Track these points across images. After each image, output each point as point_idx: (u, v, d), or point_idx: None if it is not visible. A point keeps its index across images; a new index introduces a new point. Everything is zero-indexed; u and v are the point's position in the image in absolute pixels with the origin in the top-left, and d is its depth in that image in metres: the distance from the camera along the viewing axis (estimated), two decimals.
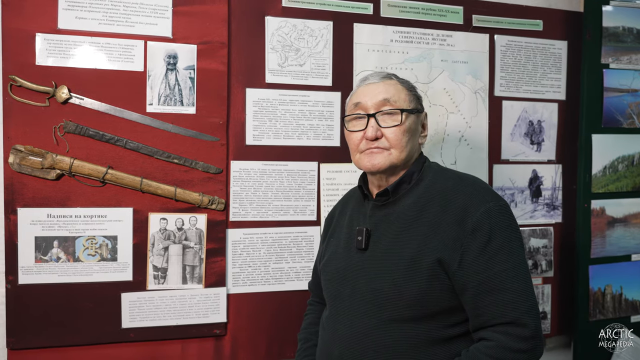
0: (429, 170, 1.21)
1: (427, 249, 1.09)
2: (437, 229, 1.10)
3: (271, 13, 1.72)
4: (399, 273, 1.10)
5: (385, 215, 1.19)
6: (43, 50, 1.51)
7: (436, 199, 1.14)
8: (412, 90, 1.25)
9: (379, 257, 1.15)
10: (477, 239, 1.06)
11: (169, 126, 1.62)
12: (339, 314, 1.20)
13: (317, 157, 1.78)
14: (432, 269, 1.07)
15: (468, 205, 1.09)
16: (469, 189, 1.13)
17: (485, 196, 1.11)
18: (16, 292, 1.52)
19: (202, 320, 1.67)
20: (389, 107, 1.18)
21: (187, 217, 1.65)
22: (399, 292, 1.09)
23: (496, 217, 1.08)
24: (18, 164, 1.50)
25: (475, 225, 1.07)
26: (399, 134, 1.17)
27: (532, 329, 1.02)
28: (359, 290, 1.16)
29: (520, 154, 2.00)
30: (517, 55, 1.98)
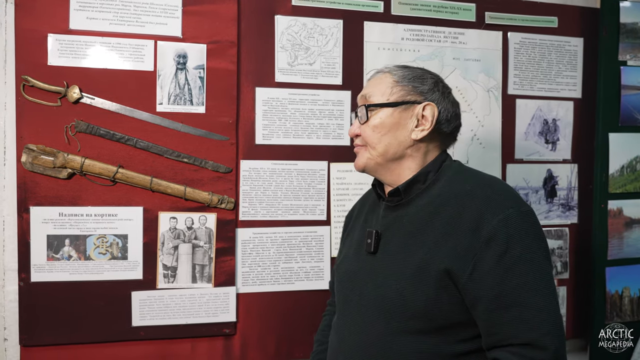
0: (447, 170, 1.11)
1: (437, 257, 1.00)
2: (449, 236, 1.00)
3: (281, 12, 1.72)
4: (406, 281, 1.02)
5: (397, 217, 1.11)
6: (55, 50, 1.53)
7: (451, 202, 1.03)
8: (405, 80, 1.12)
9: (387, 262, 1.08)
10: (492, 249, 0.95)
11: (178, 125, 1.62)
12: (346, 320, 1.15)
13: (327, 156, 1.77)
14: (440, 280, 0.99)
15: (484, 212, 0.98)
16: (487, 193, 1.02)
17: (505, 201, 0.99)
18: (29, 289, 1.54)
19: (212, 320, 1.67)
20: (361, 104, 1.14)
21: (196, 216, 1.65)
22: (404, 301, 1.02)
23: (516, 224, 0.96)
24: (30, 163, 1.52)
25: (491, 233, 0.96)
26: (368, 131, 1.12)
27: (552, 353, 0.91)
28: (367, 296, 1.10)
29: (535, 153, 1.96)
30: (531, 52, 1.94)
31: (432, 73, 1.16)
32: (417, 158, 1.12)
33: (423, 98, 1.11)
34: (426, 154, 1.12)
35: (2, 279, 1.56)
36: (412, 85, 1.11)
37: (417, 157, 1.12)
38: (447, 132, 1.14)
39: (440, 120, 1.11)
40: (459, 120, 1.17)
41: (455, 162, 1.15)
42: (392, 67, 1.16)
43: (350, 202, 1.77)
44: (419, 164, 1.12)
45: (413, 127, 1.10)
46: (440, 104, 1.11)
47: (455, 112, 1.14)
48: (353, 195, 1.77)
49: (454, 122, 1.14)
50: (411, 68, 1.15)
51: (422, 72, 1.15)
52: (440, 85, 1.14)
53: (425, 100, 1.11)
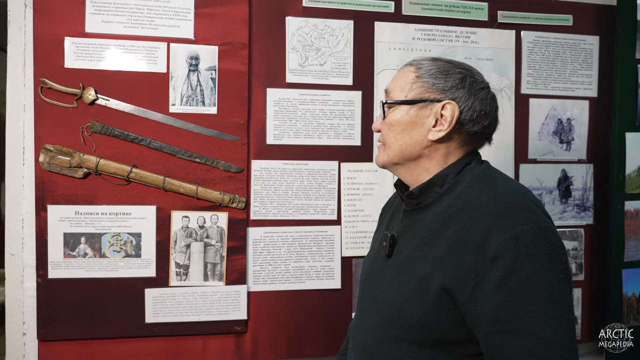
0: (468, 175, 1.02)
1: (439, 271, 0.94)
2: (454, 252, 0.93)
3: (292, 13, 1.73)
4: (407, 291, 0.99)
5: (413, 222, 1.06)
6: (71, 53, 1.57)
7: (463, 213, 0.96)
8: (426, 76, 1.04)
9: (396, 269, 1.04)
10: (497, 269, 0.87)
11: (191, 126, 1.65)
12: (359, 319, 1.14)
13: (338, 156, 1.78)
14: (439, 297, 0.93)
15: (493, 228, 0.90)
16: (500, 207, 0.92)
17: (519, 217, 0.90)
18: (46, 285, 1.59)
19: (223, 317, 1.69)
20: (384, 100, 1.09)
21: (208, 215, 1.68)
22: (403, 311, 0.99)
23: (527, 244, 0.87)
24: (48, 163, 1.56)
25: (497, 252, 0.88)
26: (385, 128, 1.08)
27: None
28: (375, 300, 1.08)
29: (549, 153, 1.94)
30: (545, 51, 1.92)
31: (463, 67, 1.07)
32: (435, 159, 1.05)
33: (443, 96, 1.02)
34: (447, 155, 1.05)
35: (21, 276, 1.60)
36: (433, 82, 1.03)
37: (436, 158, 1.05)
38: (474, 132, 1.04)
39: (463, 120, 1.02)
40: (490, 119, 1.06)
41: (480, 166, 1.05)
42: (421, 59, 1.08)
43: (360, 202, 1.78)
44: (439, 165, 1.05)
45: (430, 126, 1.03)
46: (464, 103, 1.02)
47: (485, 111, 1.04)
48: (363, 195, 1.78)
49: (483, 122, 1.04)
50: (440, 61, 1.06)
51: (450, 66, 1.05)
52: (468, 82, 1.04)
53: (446, 98, 1.02)
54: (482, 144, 1.09)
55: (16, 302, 1.61)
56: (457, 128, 1.03)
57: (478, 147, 1.09)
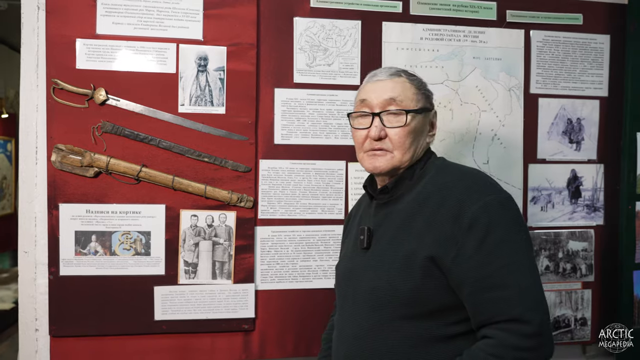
0: (432, 166, 1.18)
1: (421, 245, 1.06)
2: (432, 225, 1.07)
3: (299, 14, 1.74)
4: (394, 271, 1.09)
5: (387, 214, 1.18)
6: (82, 54, 1.60)
7: (435, 194, 1.10)
8: (422, 88, 1.21)
9: (379, 255, 1.14)
10: (474, 234, 1.02)
11: (199, 126, 1.67)
12: (345, 315, 1.20)
13: (345, 156, 1.78)
14: (425, 267, 1.05)
15: (464, 200, 1.05)
16: (467, 183, 1.09)
17: (484, 189, 1.07)
18: (58, 282, 1.62)
19: (231, 315, 1.71)
20: (394, 107, 1.16)
21: (216, 214, 1.70)
22: (394, 290, 1.08)
23: (495, 210, 1.03)
24: (60, 162, 1.59)
25: (472, 220, 1.02)
26: (403, 135, 1.16)
27: (536, 326, 0.97)
28: (361, 290, 1.15)
29: (558, 153, 1.93)
30: (554, 50, 1.91)
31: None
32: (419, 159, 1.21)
33: (432, 105, 1.23)
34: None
35: (34, 273, 1.64)
36: (427, 94, 1.22)
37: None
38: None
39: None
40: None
41: (440, 159, 1.23)
42: (401, 71, 1.22)
43: None
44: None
45: (427, 132, 1.22)
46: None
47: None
48: None
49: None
50: (415, 75, 1.24)
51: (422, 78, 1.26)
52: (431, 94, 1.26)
53: (433, 107, 1.24)
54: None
55: (29, 298, 1.64)
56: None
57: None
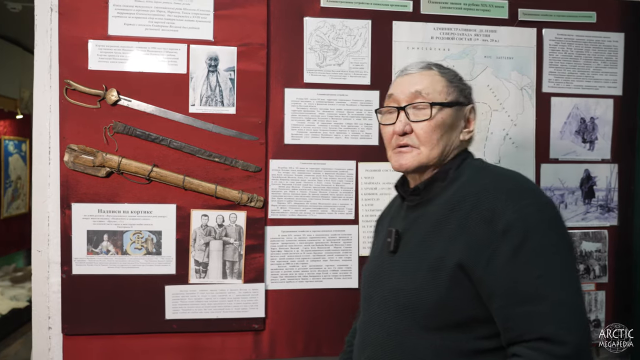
0: (467, 167, 1.10)
1: (451, 251, 0.99)
2: (464, 229, 0.99)
3: (309, 14, 1.74)
4: (421, 277, 1.02)
5: (418, 216, 1.11)
6: (95, 55, 1.61)
7: (469, 197, 1.02)
8: (455, 81, 1.13)
9: (406, 259, 1.08)
10: (509, 241, 0.93)
11: (210, 126, 1.68)
12: (369, 317, 1.15)
13: (355, 156, 1.78)
14: (453, 274, 0.97)
15: (500, 203, 0.96)
16: (504, 186, 1.00)
17: (522, 193, 0.98)
18: (70, 281, 1.63)
19: (241, 315, 1.71)
20: (420, 100, 1.09)
21: (227, 214, 1.70)
22: (419, 296, 1.01)
23: (533, 216, 0.94)
24: (72, 162, 1.61)
25: (507, 225, 0.94)
26: (429, 129, 1.08)
27: (572, 349, 0.87)
28: (386, 294, 1.10)
29: (571, 152, 1.90)
30: (567, 49, 1.89)
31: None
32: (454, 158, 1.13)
33: (468, 100, 1.14)
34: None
35: (47, 271, 1.65)
36: (462, 87, 1.13)
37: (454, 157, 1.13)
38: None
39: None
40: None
41: (477, 160, 1.15)
42: (432, 64, 1.15)
43: (378, 202, 1.78)
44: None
45: (462, 128, 1.13)
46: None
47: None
48: (381, 195, 1.78)
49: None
50: (449, 68, 1.16)
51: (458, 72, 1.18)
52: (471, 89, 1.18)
53: (470, 102, 1.15)
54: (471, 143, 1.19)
55: (42, 297, 1.66)
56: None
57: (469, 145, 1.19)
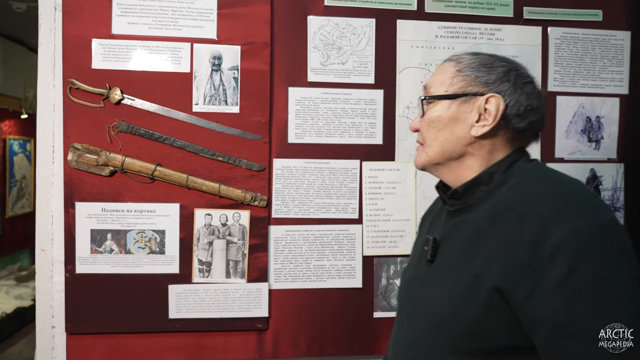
0: (517, 171, 0.97)
1: (489, 271, 0.88)
2: (505, 248, 0.87)
3: (313, 12, 1.74)
4: (456, 295, 0.92)
5: (457, 224, 1.00)
6: (98, 54, 1.61)
7: (514, 208, 0.89)
8: (467, 69, 1.00)
9: (442, 272, 0.99)
10: (557, 266, 0.80)
11: (213, 125, 1.67)
12: (401, 331, 1.08)
13: (359, 155, 1.77)
14: (490, 298, 0.87)
15: (550, 220, 0.83)
16: (557, 197, 0.86)
17: (578, 208, 0.84)
18: (74, 280, 1.63)
19: (245, 314, 1.71)
20: (420, 96, 1.05)
21: (230, 213, 1.70)
22: (454, 316, 0.91)
23: (589, 238, 0.80)
24: (76, 161, 1.61)
25: (555, 247, 0.80)
26: (424, 127, 1.03)
27: None
28: (419, 308, 1.02)
29: (577, 151, 1.89)
30: (573, 48, 1.87)
31: (507, 60, 1.02)
32: (480, 157, 1.00)
33: (487, 89, 0.98)
34: (493, 153, 1.00)
35: (51, 270, 1.65)
36: (475, 75, 0.99)
37: (481, 156, 1.00)
38: (522, 129, 0.99)
39: (509, 115, 0.97)
40: (539, 115, 1.00)
41: (531, 163, 1.00)
42: (461, 54, 1.04)
43: (382, 201, 1.78)
44: (484, 163, 1.00)
45: (473, 121, 0.98)
46: (510, 96, 0.97)
47: (532, 106, 0.98)
48: (385, 194, 1.77)
49: (530, 117, 0.98)
50: (482, 55, 1.03)
51: (492, 59, 1.01)
52: (513, 75, 0.99)
53: (490, 91, 0.97)
54: (530, 142, 1.04)
55: (46, 296, 1.66)
56: (503, 124, 0.98)
57: (525, 144, 1.04)
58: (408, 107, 1.78)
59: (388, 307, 1.78)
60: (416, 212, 1.79)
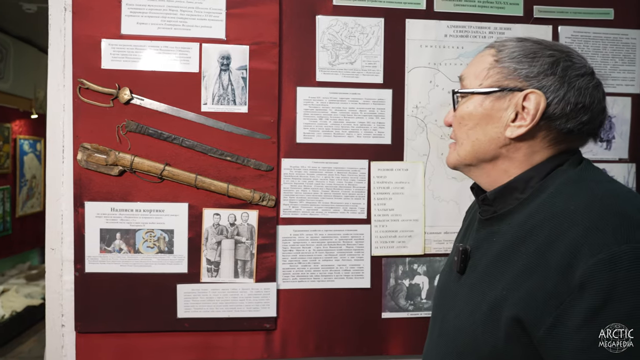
0: (557, 178, 0.84)
1: (512, 297, 0.78)
2: (532, 272, 0.77)
3: (322, 12, 1.73)
4: (479, 317, 0.84)
5: (489, 234, 0.91)
6: (107, 54, 1.62)
7: (546, 224, 0.79)
8: (507, 60, 0.87)
9: (469, 289, 0.90)
10: (586, 300, 0.70)
11: (222, 125, 1.68)
12: (430, 344, 1.02)
13: (368, 155, 1.77)
14: (510, 328, 0.78)
15: (582, 244, 0.72)
16: (594, 217, 0.74)
17: (618, 231, 0.71)
18: (83, 279, 1.64)
19: (253, 314, 1.71)
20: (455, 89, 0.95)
21: (239, 213, 1.70)
22: (475, 341, 0.84)
23: (629, 269, 0.69)
24: (85, 161, 1.61)
25: (586, 277, 0.70)
26: (455, 122, 0.94)
27: None
28: (446, 323, 0.95)
29: (587, 152, 1.85)
30: (584, 47, 1.86)
31: (557, 49, 0.87)
32: (516, 160, 0.88)
33: (527, 84, 0.85)
34: (531, 156, 0.88)
35: (60, 269, 1.66)
36: (514, 67, 0.86)
37: (517, 159, 0.88)
38: (568, 130, 0.85)
39: (552, 113, 0.84)
40: (592, 113, 0.86)
41: (576, 169, 0.86)
42: (505, 40, 0.91)
43: (390, 201, 1.77)
44: (520, 167, 0.89)
45: (509, 121, 0.87)
46: (554, 93, 0.83)
47: (583, 103, 0.84)
48: (393, 194, 1.77)
49: (580, 116, 0.84)
50: (527, 42, 0.88)
51: (538, 47, 0.87)
52: (561, 67, 0.84)
53: (530, 86, 0.85)
54: (583, 142, 0.91)
55: (56, 295, 1.67)
56: (544, 124, 0.85)
57: (577, 145, 0.91)
58: (417, 106, 1.78)
59: (396, 307, 1.77)
60: (425, 212, 1.78)
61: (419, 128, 1.78)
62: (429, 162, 1.79)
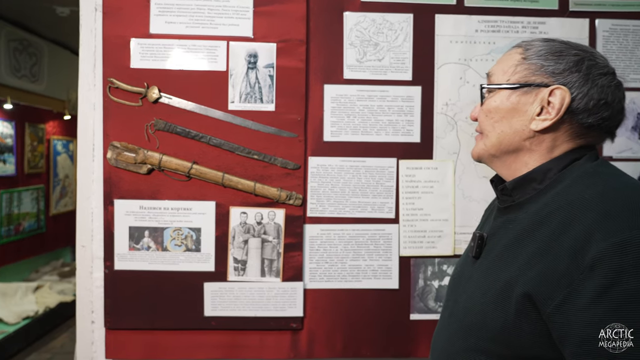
0: (574, 171, 0.90)
1: (524, 276, 0.83)
2: (545, 255, 0.82)
3: (350, 9, 1.71)
4: (490, 297, 0.89)
5: (506, 222, 0.96)
6: (137, 54, 1.63)
7: (561, 211, 0.84)
8: (534, 57, 0.93)
9: (483, 272, 0.96)
10: (595, 279, 0.74)
11: (249, 123, 1.67)
12: (440, 328, 1.07)
13: (396, 153, 1.73)
14: (521, 305, 0.83)
15: (595, 229, 0.77)
16: (608, 205, 0.79)
17: (630, 218, 0.76)
18: (113, 276, 1.66)
19: (280, 313, 1.70)
20: (482, 84, 1.01)
21: (266, 212, 1.69)
22: (485, 319, 0.89)
23: (636, 253, 0.73)
24: (115, 159, 1.63)
25: (596, 259, 0.75)
26: (482, 115, 0.99)
27: None
28: (458, 305, 1.00)
29: (627, 150, 1.80)
30: (622, 40, 1.78)
31: (582, 49, 0.93)
32: (537, 152, 0.94)
33: (553, 80, 0.91)
34: (552, 149, 0.93)
35: (91, 266, 1.69)
36: (541, 64, 0.92)
37: (539, 152, 0.94)
38: (589, 125, 0.91)
39: (576, 109, 0.89)
40: (613, 110, 0.91)
41: (593, 163, 0.92)
42: (532, 40, 0.98)
43: (419, 200, 1.74)
44: (540, 159, 0.94)
45: (534, 114, 0.92)
46: (578, 89, 0.89)
47: (605, 100, 0.90)
48: (422, 194, 1.73)
49: (601, 112, 0.90)
50: (553, 42, 0.95)
51: (564, 47, 0.93)
52: (586, 65, 0.90)
53: (556, 82, 0.90)
54: (600, 139, 0.96)
55: (86, 291, 1.69)
56: (567, 118, 0.90)
57: (595, 142, 0.95)
58: (447, 104, 1.74)
59: (425, 309, 1.74)
60: (454, 211, 1.74)
61: (448, 126, 1.74)
62: (459, 160, 1.75)
